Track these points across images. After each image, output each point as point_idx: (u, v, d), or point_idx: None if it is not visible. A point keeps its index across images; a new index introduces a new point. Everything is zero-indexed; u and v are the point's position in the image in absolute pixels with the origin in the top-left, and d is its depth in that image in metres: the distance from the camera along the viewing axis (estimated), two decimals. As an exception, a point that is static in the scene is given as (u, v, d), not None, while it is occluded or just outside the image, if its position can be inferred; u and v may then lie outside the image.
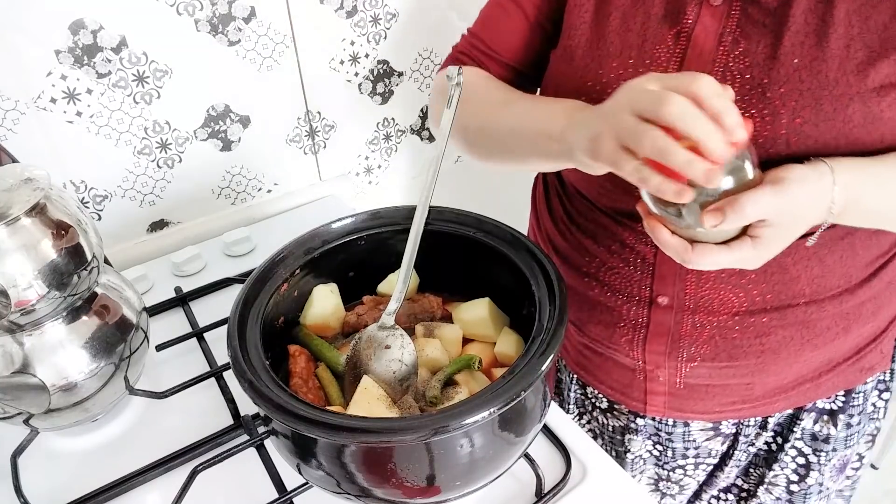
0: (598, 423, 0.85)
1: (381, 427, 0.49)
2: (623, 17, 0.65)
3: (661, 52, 0.63)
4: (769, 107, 0.58)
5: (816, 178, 0.55)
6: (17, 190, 0.60)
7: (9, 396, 0.61)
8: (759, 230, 0.53)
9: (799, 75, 0.57)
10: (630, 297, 0.71)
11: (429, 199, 0.67)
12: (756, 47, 0.59)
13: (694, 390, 0.72)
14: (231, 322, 0.58)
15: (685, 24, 0.62)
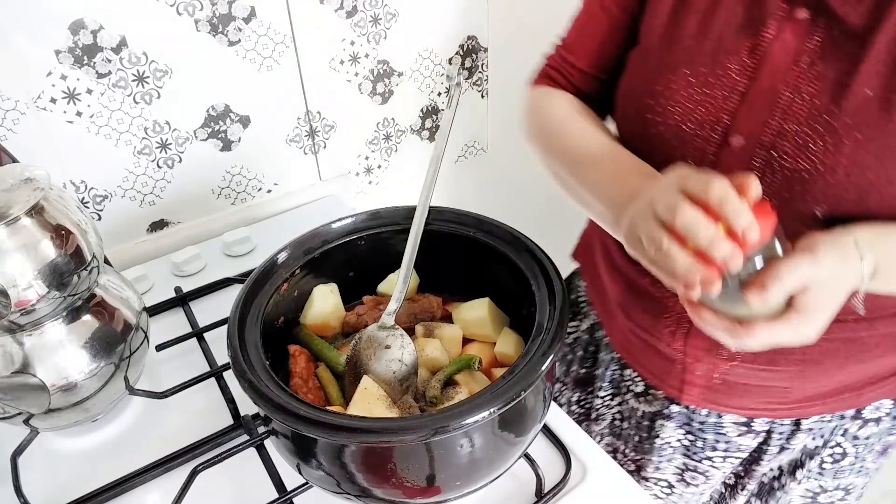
0: (628, 405, 0.85)
1: (381, 427, 0.49)
2: (701, 21, 0.64)
3: (733, 65, 0.62)
4: (833, 136, 0.57)
5: (844, 240, 0.56)
6: (17, 190, 0.60)
7: (9, 396, 0.61)
8: (801, 300, 0.53)
9: (868, 108, 0.56)
10: (675, 295, 0.70)
11: (429, 199, 0.67)
12: (831, 72, 0.57)
13: (731, 387, 0.72)
14: (231, 322, 0.58)
15: (763, 38, 0.61)
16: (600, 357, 0.88)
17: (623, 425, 0.88)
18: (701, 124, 0.64)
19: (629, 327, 0.79)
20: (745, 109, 0.62)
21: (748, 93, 0.61)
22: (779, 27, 0.60)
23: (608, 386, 0.87)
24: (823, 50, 0.58)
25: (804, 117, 0.59)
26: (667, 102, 0.65)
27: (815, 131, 0.58)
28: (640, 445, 0.86)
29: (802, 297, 0.54)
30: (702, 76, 0.64)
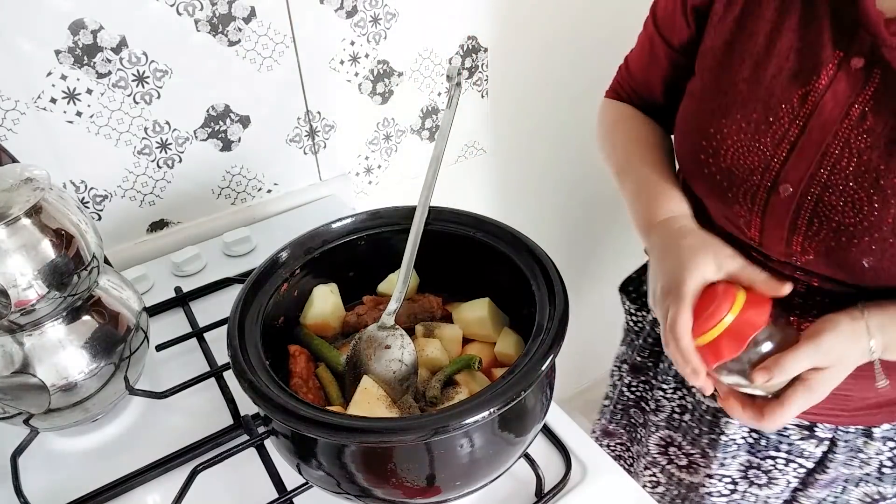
0: (694, 398, 0.85)
1: (381, 427, 0.49)
2: (755, 65, 0.64)
3: (784, 113, 0.62)
4: (880, 194, 0.57)
5: (849, 323, 0.59)
6: (17, 190, 0.60)
7: (9, 396, 0.61)
8: (808, 375, 0.60)
9: None
10: None
11: (429, 199, 0.67)
12: (882, 127, 0.57)
13: None
14: (231, 322, 0.58)
15: (816, 87, 0.60)
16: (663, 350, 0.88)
17: (683, 417, 0.88)
18: (752, 170, 0.64)
19: None
20: (794, 159, 0.61)
21: (798, 142, 0.61)
22: (832, 76, 0.59)
23: (671, 379, 0.87)
24: (876, 102, 0.57)
25: (852, 172, 0.58)
26: (719, 145, 0.66)
27: (862, 188, 0.58)
28: (698, 439, 0.86)
29: (808, 374, 0.59)
30: (754, 122, 0.63)
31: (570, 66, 1.32)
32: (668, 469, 0.94)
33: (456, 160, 1.31)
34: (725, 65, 0.67)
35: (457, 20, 1.15)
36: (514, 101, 1.32)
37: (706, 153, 0.67)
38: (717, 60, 0.67)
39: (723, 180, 0.67)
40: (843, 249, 0.60)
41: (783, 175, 0.62)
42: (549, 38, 1.29)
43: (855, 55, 0.58)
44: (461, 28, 1.16)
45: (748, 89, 0.64)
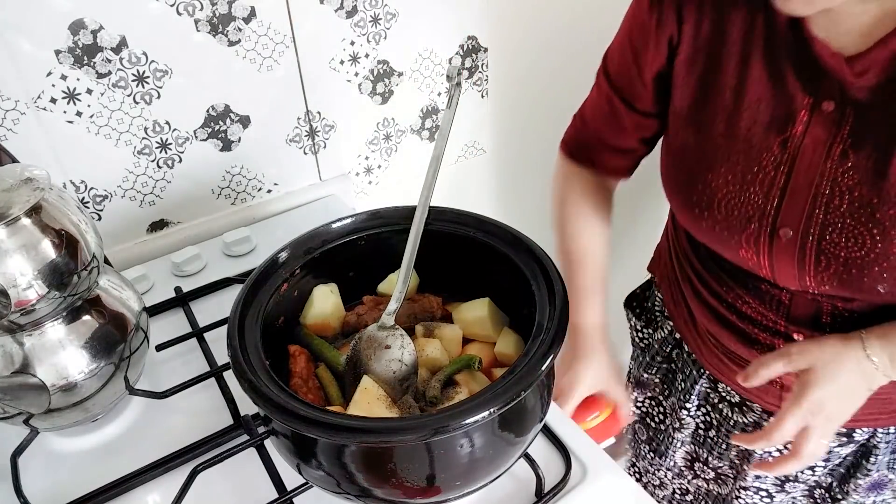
0: (720, 415, 0.84)
1: (381, 427, 0.49)
2: (728, 119, 0.64)
3: (768, 161, 0.62)
4: (879, 226, 0.58)
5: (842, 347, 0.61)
6: (17, 190, 0.60)
7: (9, 396, 0.61)
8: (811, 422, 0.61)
9: None
10: (765, 329, 0.71)
11: (429, 199, 0.67)
12: (865, 162, 0.57)
13: None
14: (231, 322, 0.58)
15: (793, 133, 0.61)
16: (689, 373, 0.87)
17: (709, 434, 0.88)
18: (748, 218, 0.65)
19: (721, 352, 0.79)
20: (787, 204, 0.62)
21: (787, 187, 0.62)
22: (807, 121, 0.60)
23: (694, 399, 0.87)
24: (854, 140, 0.58)
25: (847, 210, 0.59)
26: (711, 199, 0.67)
27: (860, 223, 0.58)
28: (725, 453, 0.86)
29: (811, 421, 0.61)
30: (740, 174, 0.64)
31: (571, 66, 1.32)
32: (696, 482, 0.94)
33: (456, 160, 1.31)
34: (699, 122, 0.67)
35: (457, 20, 1.15)
36: (514, 101, 1.32)
37: (699, 207, 0.68)
38: (691, 119, 0.68)
39: (722, 230, 0.68)
40: (855, 280, 0.61)
41: (780, 220, 0.63)
42: (549, 39, 1.29)
43: (825, 99, 0.59)
44: (461, 28, 1.16)
45: (727, 143, 0.65)
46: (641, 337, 0.97)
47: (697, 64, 0.66)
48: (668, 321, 0.90)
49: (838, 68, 0.58)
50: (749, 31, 0.62)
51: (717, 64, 0.65)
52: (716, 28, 0.64)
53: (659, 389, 0.95)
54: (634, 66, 0.73)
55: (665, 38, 0.68)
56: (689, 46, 0.67)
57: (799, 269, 0.64)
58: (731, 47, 0.64)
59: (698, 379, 0.85)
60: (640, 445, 1.01)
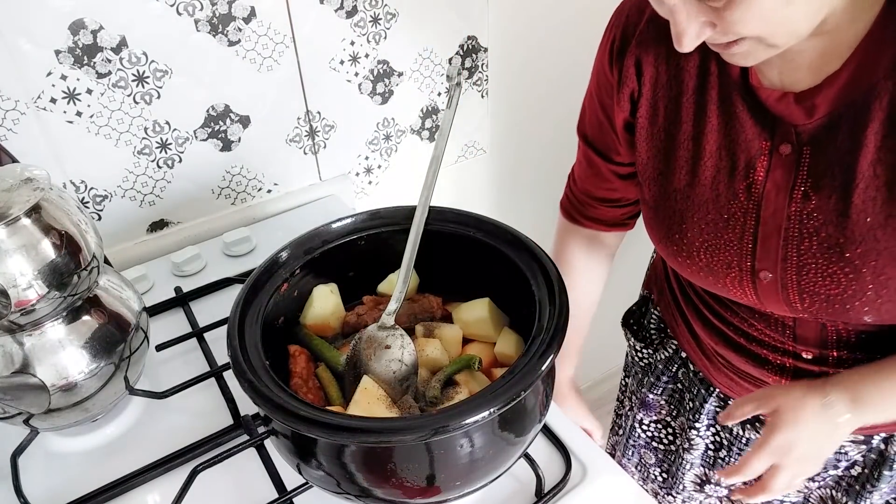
0: (731, 434, 0.84)
1: (381, 427, 0.49)
2: (692, 169, 0.65)
3: (736, 208, 0.63)
4: (850, 265, 0.58)
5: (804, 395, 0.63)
6: (17, 190, 0.60)
7: (9, 396, 0.61)
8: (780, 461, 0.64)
9: (874, 234, 0.56)
10: (774, 349, 0.72)
11: (429, 199, 0.67)
12: (827, 203, 0.58)
13: None
14: (231, 322, 0.58)
15: (756, 179, 0.61)
16: (697, 392, 0.87)
17: (719, 454, 0.87)
18: (728, 264, 0.66)
19: (732, 371, 0.79)
20: (761, 249, 0.63)
21: (758, 233, 0.62)
22: (767, 166, 0.60)
23: (704, 418, 0.87)
24: (814, 180, 0.58)
25: (817, 250, 0.59)
26: (689, 248, 0.67)
27: (831, 262, 0.59)
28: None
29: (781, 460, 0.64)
30: (712, 223, 0.65)
31: (570, 65, 1.32)
32: (707, 503, 0.94)
33: (456, 160, 1.31)
34: (666, 174, 0.68)
35: (457, 20, 1.15)
36: (514, 101, 1.32)
37: (681, 256, 0.69)
38: (658, 171, 0.69)
39: (707, 275, 0.69)
40: (841, 313, 0.62)
41: (758, 263, 0.64)
42: (549, 39, 1.29)
43: (782, 142, 0.59)
44: (461, 28, 1.16)
45: (695, 193, 0.66)
46: (641, 357, 0.96)
47: (658, 117, 0.67)
48: (670, 340, 0.90)
49: (787, 112, 0.58)
50: (703, 80, 0.63)
51: (677, 115, 0.66)
52: (673, 80, 0.65)
53: (666, 411, 0.94)
54: (605, 119, 0.74)
55: (627, 94, 0.69)
56: (649, 100, 0.68)
57: (787, 305, 0.65)
58: (688, 97, 0.65)
59: (707, 398, 0.85)
60: (648, 469, 1.01)
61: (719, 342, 0.78)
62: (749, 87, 0.60)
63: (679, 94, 0.65)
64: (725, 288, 0.68)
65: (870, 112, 0.54)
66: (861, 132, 0.55)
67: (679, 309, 0.85)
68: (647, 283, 0.97)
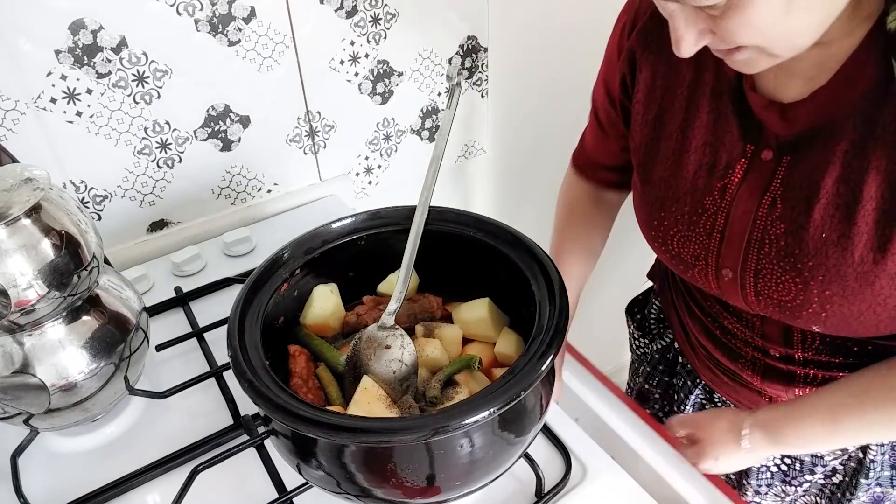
0: None
1: (381, 427, 0.49)
2: (676, 161, 0.66)
3: (710, 205, 0.64)
4: (800, 276, 0.59)
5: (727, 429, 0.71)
6: (17, 190, 0.60)
7: (9, 396, 0.61)
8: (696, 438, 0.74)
9: (826, 250, 0.57)
10: (745, 343, 0.73)
11: (429, 199, 0.67)
12: (791, 213, 0.59)
13: None
14: (231, 322, 0.58)
15: (732, 179, 0.62)
16: (684, 383, 0.89)
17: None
18: (696, 256, 0.68)
19: (713, 364, 0.80)
20: (726, 247, 0.64)
21: (726, 232, 0.64)
22: (746, 168, 0.61)
23: (689, 409, 0.88)
24: (785, 189, 0.59)
25: (774, 257, 0.61)
26: (665, 235, 0.69)
27: (785, 271, 0.60)
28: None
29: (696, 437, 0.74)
30: (686, 215, 0.67)
31: (570, 65, 1.32)
32: None
33: (456, 160, 1.31)
34: (653, 162, 0.69)
35: (457, 20, 1.15)
36: (514, 101, 1.32)
37: (657, 241, 0.71)
38: (647, 157, 0.70)
39: (678, 263, 0.71)
40: (792, 319, 0.63)
41: (721, 261, 0.65)
42: (549, 38, 1.29)
43: (764, 148, 0.60)
44: (461, 28, 1.16)
45: (676, 184, 0.67)
46: (638, 345, 0.97)
47: (653, 104, 0.69)
48: (667, 330, 0.91)
49: (770, 120, 0.59)
50: (699, 74, 0.64)
51: (670, 106, 0.67)
52: (671, 70, 0.66)
53: (659, 405, 0.95)
54: (610, 96, 0.76)
55: (629, 79, 0.71)
56: (647, 87, 0.69)
57: (745, 303, 0.67)
58: (683, 89, 0.65)
59: (693, 389, 0.87)
60: None
61: (701, 332, 0.79)
62: (741, 90, 0.61)
63: (674, 86, 0.66)
64: (694, 278, 0.70)
65: (843, 130, 0.54)
66: (832, 149, 0.55)
67: (673, 299, 0.86)
68: (651, 274, 0.97)
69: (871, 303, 0.57)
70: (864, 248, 0.55)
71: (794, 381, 0.71)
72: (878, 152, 0.53)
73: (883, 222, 0.54)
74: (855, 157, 0.54)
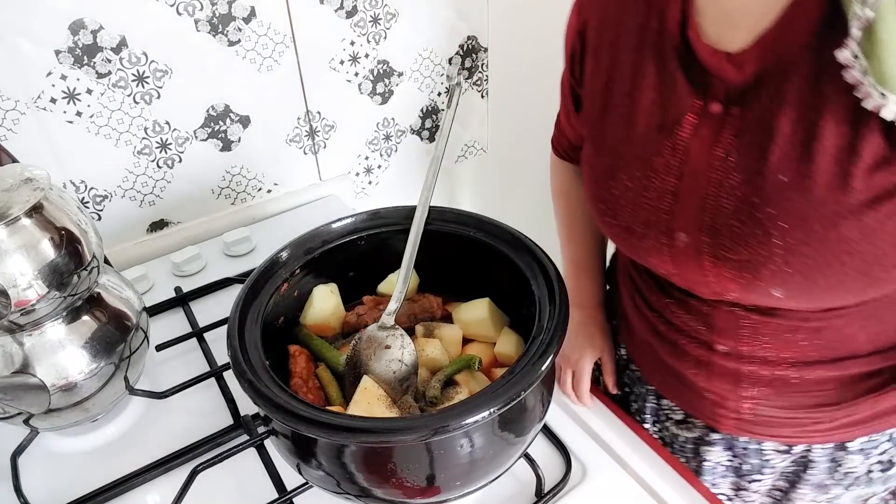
0: (669, 432, 0.85)
1: (381, 427, 0.49)
2: (626, 125, 0.65)
3: (660, 165, 0.62)
4: (760, 227, 0.57)
5: None
6: (17, 190, 0.60)
7: (9, 396, 0.61)
8: None
9: (786, 194, 0.55)
10: (692, 339, 0.72)
11: (429, 199, 0.67)
12: (746, 161, 0.57)
13: (762, 419, 0.72)
14: (231, 322, 0.58)
15: (681, 136, 0.61)
16: (635, 389, 0.88)
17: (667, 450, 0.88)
18: (647, 225, 0.65)
19: (658, 363, 0.79)
20: (680, 208, 0.62)
21: (678, 192, 0.62)
22: (695, 123, 0.60)
23: (650, 417, 0.87)
24: (738, 140, 0.57)
25: (732, 211, 0.58)
26: (614, 206, 0.67)
27: (744, 224, 0.58)
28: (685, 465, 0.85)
29: None
30: (636, 180, 0.64)
31: (570, 66, 1.32)
32: None
33: (456, 160, 1.31)
34: (603, 132, 0.68)
35: (457, 20, 1.15)
36: (514, 101, 1.32)
37: (607, 214, 0.69)
38: (598, 128, 0.69)
39: (628, 237, 0.68)
40: (751, 284, 0.60)
41: (675, 225, 0.63)
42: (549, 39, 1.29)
43: (712, 101, 0.59)
44: (461, 28, 1.16)
45: (625, 149, 0.65)
46: None
47: (599, 74, 0.68)
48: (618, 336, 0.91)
49: (718, 66, 0.57)
50: (642, 36, 0.63)
51: (617, 70, 0.66)
52: (615, 38, 0.66)
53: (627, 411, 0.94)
54: (570, 73, 0.75)
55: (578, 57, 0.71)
56: (593, 60, 0.68)
57: (700, 274, 0.64)
58: (627, 54, 0.64)
59: (647, 396, 0.86)
60: None
61: (648, 331, 0.78)
62: (686, 42, 0.59)
63: (618, 52, 0.65)
64: (645, 252, 0.67)
65: (795, 70, 0.53)
66: (784, 91, 0.54)
67: (621, 297, 0.85)
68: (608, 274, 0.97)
69: (836, 250, 0.54)
70: (825, 187, 0.53)
71: (740, 382, 0.70)
72: (833, 86, 0.51)
73: (842, 158, 0.52)
74: (810, 95, 0.52)
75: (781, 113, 0.54)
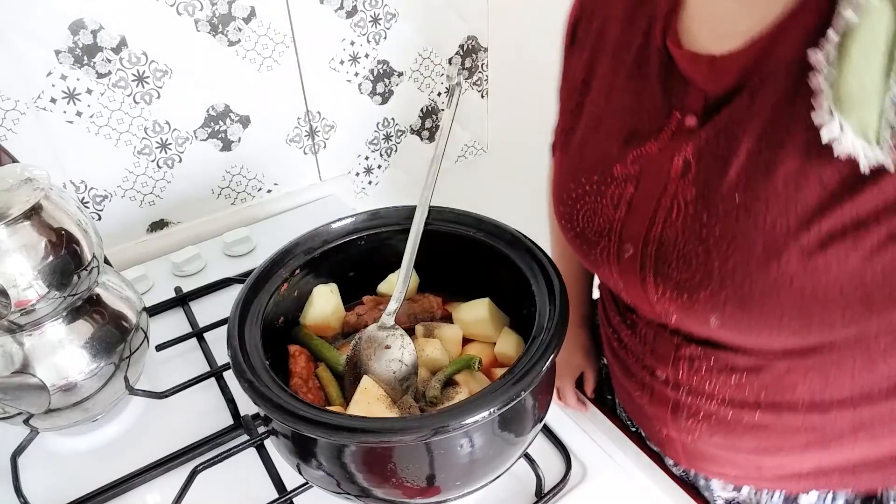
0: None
1: (381, 427, 0.49)
2: (595, 126, 0.63)
3: (619, 173, 0.60)
4: (703, 245, 0.54)
5: None
6: (17, 190, 0.60)
7: (9, 396, 0.61)
8: None
9: (736, 213, 0.52)
10: (637, 360, 0.70)
11: (429, 199, 0.67)
12: (705, 174, 0.54)
13: (705, 454, 0.69)
14: (231, 322, 0.58)
15: (648, 145, 0.58)
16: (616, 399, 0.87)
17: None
18: (600, 233, 0.63)
19: (616, 379, 0.78)
20: (631, 218, 0.60)
21: (633, 201, 0.59)
22: (667, 136, 0.57)
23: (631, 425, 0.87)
24: (699, 152, 0.55)
25: (681, 226, 0.56)
26: (572, 210, 0.65)
27: (689, 241, 0.55)
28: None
29: None
30: (595, 184, 0.62)
31: (570, 66, 1.32)
32: None
33: (456, 160, 1.31)
34: (573, 126, 0.66)
35: (457, 20, 1.15)
36: (514, 101, 1.32)
37: (565, 219, 0.67)
38: (568, 122, 0.67)
39: (582, 244, 0.66)
40: (689, 308, 0.58)
41: (624, 235, 0.61)
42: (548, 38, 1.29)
43: (688, 114, 0.56)
44: (461, 28, 1.16)
45: (589, 152, 0.63)
46: None
47: (581, 66, 0.66)
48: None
49: (697, 75, 0.55)
50: (628, 33, 0.61)
51: (597, 69, 0.64)
52: (601, 29, 0.64)
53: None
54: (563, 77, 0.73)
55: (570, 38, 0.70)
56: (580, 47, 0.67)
57: (643, 290, 0.61)
58: (609, 50, 0.63)
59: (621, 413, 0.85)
60: None
61: (607, 344, 0.77)
62: (666, 52, 0.57)
63: (602, 48, 0.64)
64: (595, 261, 0.65)
65: (775, 81, 0.50)
66: (759, 102, 0.51)
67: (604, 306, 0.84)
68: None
69: (775, 281, 0.51)
70: (776, 212, 0.50)
71: (679, 412, 0.66)
72: (807, 102, 0.48)
73: (800, 185, 0.49)
74: (782, 114, 0.50)
75: (749, 126, 0.51)
